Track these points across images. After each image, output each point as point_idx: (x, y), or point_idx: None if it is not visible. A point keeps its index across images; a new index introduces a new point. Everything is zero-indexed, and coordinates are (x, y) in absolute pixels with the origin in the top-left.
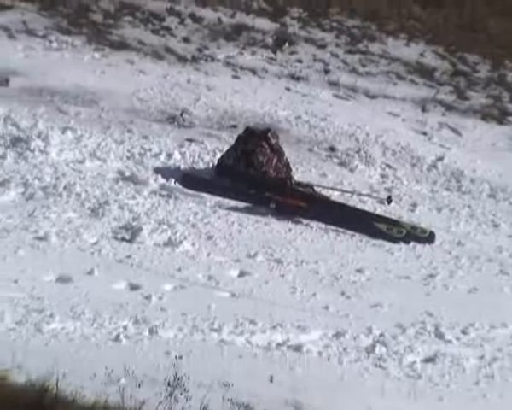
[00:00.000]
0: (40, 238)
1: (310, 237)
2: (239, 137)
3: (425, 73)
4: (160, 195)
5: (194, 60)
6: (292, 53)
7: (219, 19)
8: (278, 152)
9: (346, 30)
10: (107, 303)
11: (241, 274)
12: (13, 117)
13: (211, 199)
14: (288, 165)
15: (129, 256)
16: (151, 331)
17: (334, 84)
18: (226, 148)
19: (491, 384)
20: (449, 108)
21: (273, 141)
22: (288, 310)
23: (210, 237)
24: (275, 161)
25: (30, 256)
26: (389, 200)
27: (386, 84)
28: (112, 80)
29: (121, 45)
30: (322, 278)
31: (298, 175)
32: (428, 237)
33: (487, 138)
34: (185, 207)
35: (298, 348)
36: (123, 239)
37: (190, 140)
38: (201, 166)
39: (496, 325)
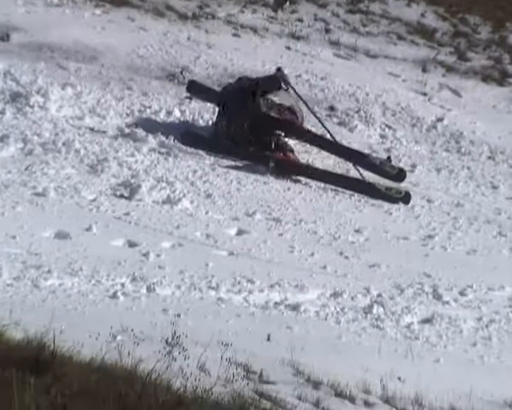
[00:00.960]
0: (38, 194)
1: (308, 196)
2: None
3: (426, 33)
4: (159, 152)
5: (195, 17)
6: (293, 12)
7: None
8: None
9: None
10: (105, 260)
11: (240, 233)
12: (13, 72)
13: (210, 157)
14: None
15: (127, 213)
16: (149, 289)
17: (334, 44)
18: None
19: (488, 346)
20: (449, 69)
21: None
22: (286, 269)
23: (208, 195)
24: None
25: (28, 212)
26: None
27: (387, 44)
28: (112, 37)
29: (122, 2)
30: (321, 237)
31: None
32: (404, 198)
33: (487, 100)
34: (184, 165)
35: (295, 308)
36: (121, 196)
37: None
38: (201, 123)
39: (493, 287)
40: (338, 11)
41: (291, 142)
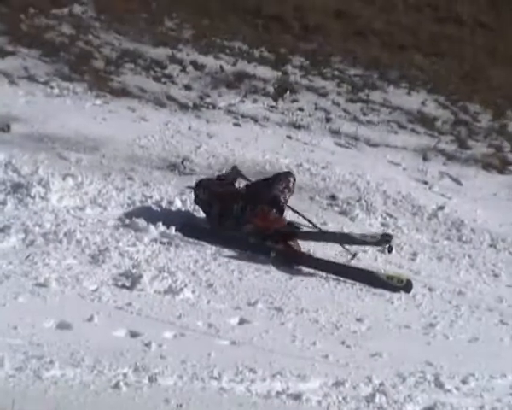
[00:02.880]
0: (40, 285)
1: (310, 285)
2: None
3: (426, 122)
4: (161, 242)
5: (196, 107)
6: (293, 101)
7: (221, 67)
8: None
9: (348, 78)
10: (107, 350)
11: (241, 322)
12: (14, 163)
13: (211, 247)
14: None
15: (129, 303)
16: (151, 379)
17: (335, 133)
18: None
19: None
20: (450, 157)
21: None
22: (287, 358)
23: (210, 285)
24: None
25: (30, 303)
26: (390, 249)
27: (388, 132)
28: (113, 127)
29: (123, 92)
30: (323, 326)
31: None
32: (405, 286)
33: (488, 188)
34: (186, 255)
35: (297, 397)
36: (123, 286)
37: (191, 187)
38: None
39: (495, 375)
40: (338, 100)
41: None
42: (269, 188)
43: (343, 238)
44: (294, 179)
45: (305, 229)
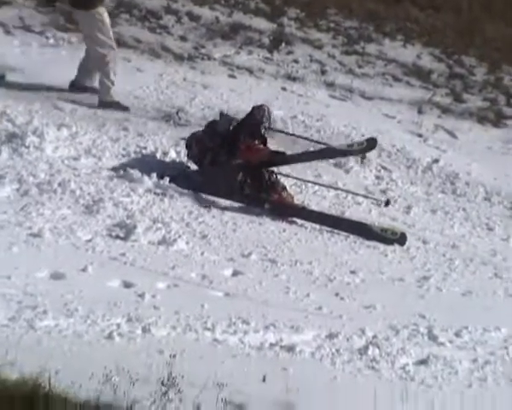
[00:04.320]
0: (34, 235)
1: (304, 237)
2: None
3: (421, 75)
4: (155, 193)
5: (191, 58)
6: (288, 53)
7: (216, 18)
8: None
9: (343, 31)
10: (101, 301)
11: (235, 274)
12: (8, 113)
13: (206, 197)
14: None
15: (123, 254)
16: (144, 330)
17: (330, 85)
18: None
19: (484, 387)
20: (445, 110)
21: None
22: (281, 310)
23: (204, 236)
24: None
25: (23, 253)
26: (387, 203)
27: (383, 85)
28: None
29: (118, 43)
30: (316, 278)
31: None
32: (399, 239)
33: (483, 141)
34: (180, 206)
35: (291, 349)
36: (117, 237)
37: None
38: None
39: (489, 328)
40: (334, 52)
41: (286, 182)
42: (247, 122)
43: (329, 153)
44: (269, 109)
45: (289, 153)
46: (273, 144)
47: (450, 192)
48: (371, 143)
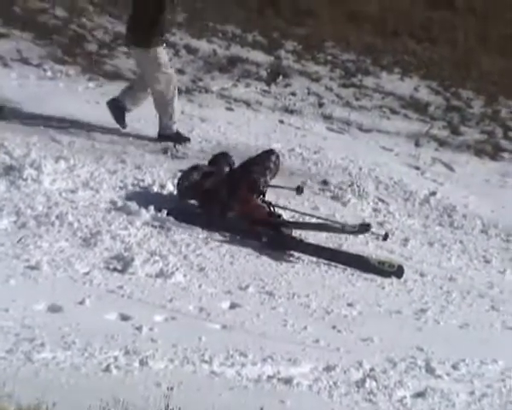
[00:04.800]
0: (32, 267)
1: (301, 270)
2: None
3: (419, 107)
4: (153, 226)
5: (189, 91)
6: (286, 86)
7: (214, 51)
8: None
9: (341, 63)
10: (98, 333)
11: (233, 306)
12: (6, 145)
13: (203, 230)
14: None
15: (120, 287)
16: (141, 362)
17: (327, 118)
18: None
19: None
20: (442, 143)
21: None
22: (278, 343)
23: (201, 269)
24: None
25: (21, 285)
26: (385, 237)
27: (380, 118)
28: (106, 110)
29: (115, 75)
30: (314, 311)
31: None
32: (396, 272)
33: (480, 174)
34: (177, 239)
35: (288, 381)
36: (115, 269)
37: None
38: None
39: (486, 360)
40: (331, 85)
41: (284, 214)
42: (249, 171)
43: (322, 227)
44: (277, 157)
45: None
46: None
47: (447, 225)
48: (365, 228)
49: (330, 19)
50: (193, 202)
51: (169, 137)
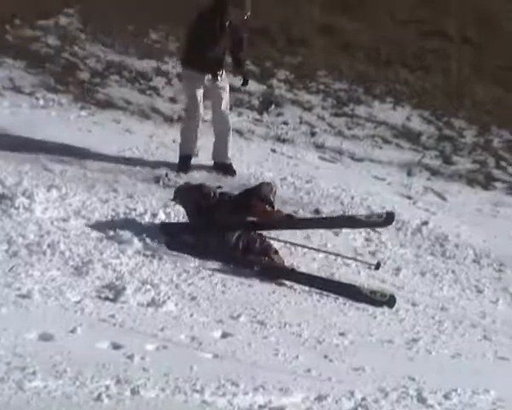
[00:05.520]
0: (23, 296)
1: (293, 299)
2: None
3: (411, 137)
4: (144, 255)
5: (181, 120)
6: (278, 115)
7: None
8: None
9: (333, 93)
10: (90, 362)
11: (224, 335)
12: None
13: (194, 259)
14: None
15: (112, 315)
16: (133, 391)
17: (319, 147)
18: None
19: None
20: (434, 172)
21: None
22: (270, 372)
23: (193, 298)
24: None
25: (12, 314)
26: (377, 266)
27: (372, 147)
28: (98, 139)
29: (108, 104)
30: (305, 340)
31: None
32: (388, 301)
33: (472, 204)
34: (169, 268)
35: None
36: (106, 298)
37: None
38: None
39: (478, 390)
40: (323, 114)
41: (276, 244)
42: (255, 193)
43: (347, 222)
44: (275, 189)
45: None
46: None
47: (439, 254)
48: (389, 218)
49: (322, 48)
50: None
51: (225, 167)
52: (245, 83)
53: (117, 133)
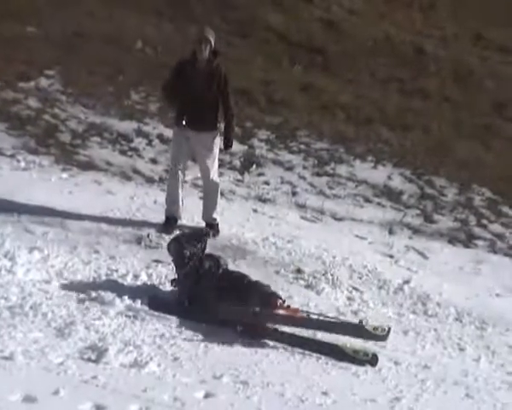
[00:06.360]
0: (6, 358)
1: (276, 359)
2: None
3: (392, 196)
4: (127, 315)
5: (162, 181)
6: (259, 175)
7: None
8: None
9: (314, 152)
10: None
11: (207, 396)
12: None
13: (177, 320)
14: None
15: (95, 377)
16: None
17: (301, 207)
18: None
19: None
20: (416, 231)
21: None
22: None
23: (176, 359)
24: None
25: None
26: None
27: (354, 206)
28: (79, 201)
29: (89, 166)
30: (288, 400)
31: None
32: (371, 360)
33: (454, 262)
34: (151, 328)
35: None
36: (89, 359)
37: (157, 261)
38: (168, 287)
39: None
40: (304, 174)
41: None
42: (262, 287)
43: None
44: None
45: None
46: (243, 265)
47: (421, 313)
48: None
49: (303, 108)
50: (168, 288)
51: (213, 227)
52: (228, 146)
53: (98, 195)
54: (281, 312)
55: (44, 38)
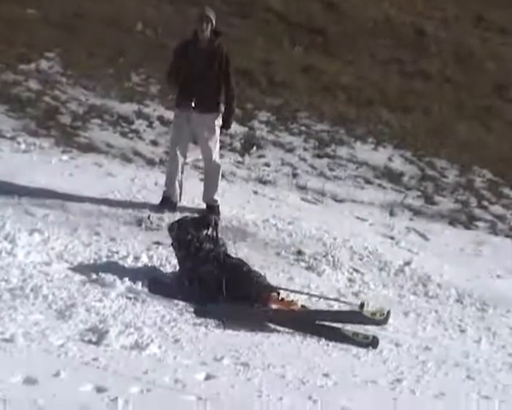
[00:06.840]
0: (6, 340)
1: (276, 340)
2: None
3: (393, 177)
4: (127, 297)
5: (162, 163)
6: (260, 157)
7: None
8: None
9: (315, 134)
10: (74, 406)
11: (208, 377)
12: None
13: (178, 302)
14: None
15: (95, 359)
16: None
17: (301, 188)
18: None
19: None
20: (416, 212)
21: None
22: None
23: (177, 340)
24: None
25: None
26: (361, 307)
27: (354, 188)
28: (80, 183)
29: (89, 148)
30: (289, 382)
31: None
32: (372, 342)
33: (454, 243)
34: (152, 310)
35: None
36: (89, 341)
37: (158, 243)
38: (168, 269)
39: None
40: (305, 155)
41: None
42: (257, 278)
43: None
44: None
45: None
46: (244, 247)
47: (422, 294)
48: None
49: (304, 89)
50: (169, 270)
51: (213, 208)
52: (227, 127)
53: (99, 177)
54: (276, 307)
55: (44, 20)
